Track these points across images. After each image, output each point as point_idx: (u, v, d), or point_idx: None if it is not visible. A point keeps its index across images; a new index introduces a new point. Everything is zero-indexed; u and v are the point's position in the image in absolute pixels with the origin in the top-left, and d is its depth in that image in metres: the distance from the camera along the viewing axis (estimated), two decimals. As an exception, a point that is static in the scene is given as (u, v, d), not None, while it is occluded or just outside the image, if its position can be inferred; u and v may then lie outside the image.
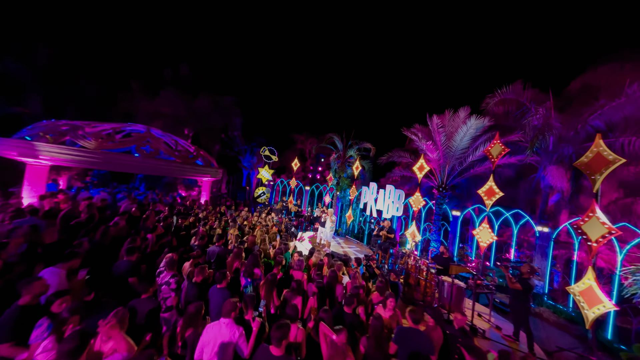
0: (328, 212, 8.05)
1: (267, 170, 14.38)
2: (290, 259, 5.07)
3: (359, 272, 4.26)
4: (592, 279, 4.31)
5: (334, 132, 13.27)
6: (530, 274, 3.82)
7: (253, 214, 9.94)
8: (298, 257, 4.80)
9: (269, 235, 6.35)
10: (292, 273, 4.30)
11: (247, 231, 6.46)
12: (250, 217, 8.81)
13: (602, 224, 4.34)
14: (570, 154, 7.18)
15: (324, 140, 34.50)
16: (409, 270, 5.54)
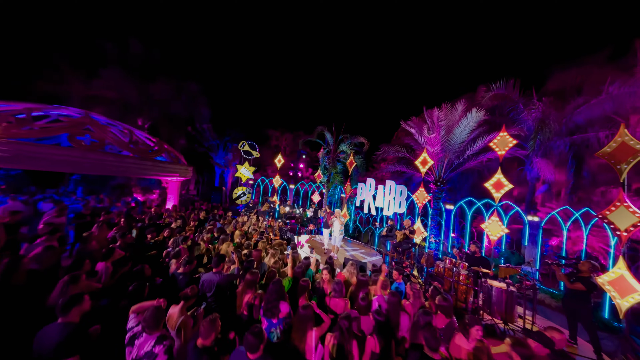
0: (335, 213, 7.03)
1: (248, 167, 12.57)
2: (312, 279, 3.93)
3: (418, 288, 3.38)
4: (623, 268, 4.29)
5: (315, 126, 12.28)
6: (591, 272, 3.52)
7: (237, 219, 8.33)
8: (329, 275, 3.70)
9: (274, 248, 5.05)
10: (329, 302, 3.19)
11: (244, 243, 5.04)
12: (239, 222, 7.26)
13: (632, 213, 4.35)
14: (558, 147, 7.57)
15: (300, 136, 32.91)
16: (442, 274, 4.94)
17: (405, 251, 6.16)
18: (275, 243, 5.18)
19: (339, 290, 3.20)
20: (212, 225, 6.05)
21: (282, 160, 13.63)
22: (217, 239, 5.25)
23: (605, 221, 4.65)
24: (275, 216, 10.86)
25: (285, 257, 4.56)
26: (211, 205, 9.73)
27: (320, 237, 10.03)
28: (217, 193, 14.01)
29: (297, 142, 30.90)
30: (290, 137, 29.86)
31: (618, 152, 4.59)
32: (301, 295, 3.35)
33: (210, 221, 6.61)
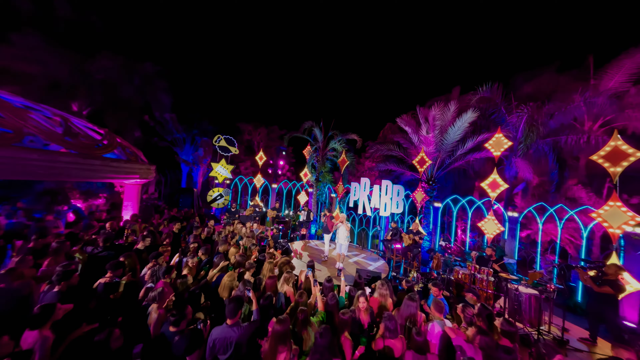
0: (340, 217, 6.35)
1: (225, 165, 10.96)
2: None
3: (472, 311, 2.94)
4: (616, 262, 4.69)
5: (293, 120, 11.33)
6: (617, 275, 3.61)
7: (225, 229, 7.03)
8: (366, 303, 3.04)
9: (284, 268, 4.16)
10: (385, 346, 2.53)
11: (246, 265, 4.01)
12: (228, 233, 6.06)
13: (624, 213, 4.75)
14: (537, 148, 8.21)
15: (275, 131, 31.07)
16: (461, 280, 4.74)
17: (415, 256, 5.87)
18: (280, 261, 4.27)
19: (393, 329, 2.54)
20: (195, 242, 4.78)
21: (264, 158, 12.34)
22: (207, 263, 4.09)
23: (599, 220, 5.03)
24: (260, 221, 9.69)
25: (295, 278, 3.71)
26: (186, 213, 8.07)
27: (315, 242, 9.30)
28: (187, 196, 11.97)
29: (272, 138, 29.23)
30: (265, 131, 27.98)
31: (611, 156, 4.95)
32: (342, 333, 2.62)
33: (191, 235, 5.27)
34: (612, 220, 4.80)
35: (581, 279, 3.89)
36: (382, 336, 2.60)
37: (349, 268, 6.36)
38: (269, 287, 3.38)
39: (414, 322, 2.99)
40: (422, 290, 4.39)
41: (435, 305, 2.99)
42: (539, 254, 8.09)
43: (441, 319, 2.92)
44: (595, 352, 3.67)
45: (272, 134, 28.86)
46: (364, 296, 3.12)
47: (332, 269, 6.17)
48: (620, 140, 4.83)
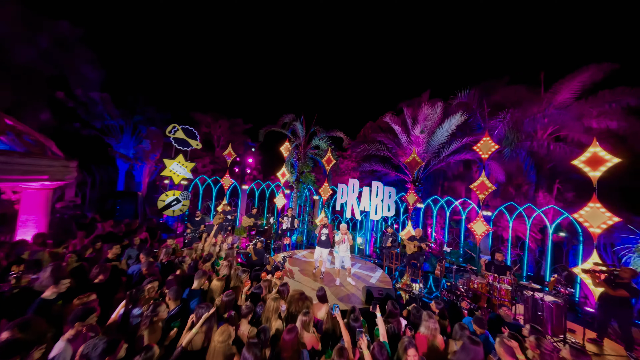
0: (341, 229, 5.47)
1: (183, 162, 8.86)
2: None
3: (552, 346, 2.48)
4: (596, 259, 5.16)
5: (258, 113, 10.16)
6: (633, 277, 3.77)
7: (189, 249, 5.39)
8: (417, 355, 2.30)
9: (298, 307, 3.11)
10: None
11: (241, 308, 2.81)
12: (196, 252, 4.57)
13: (602, 213, 5.25)
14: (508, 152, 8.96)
15: (238, 125, 28.50)
16: (478, 291, 4.48)
17: (422, 265, 5.49)
18: (291, 297, 3.21)
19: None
20: (152, 276, 3.23)
21: (233, 154, 10.57)
22: (179, 315, 2.71)
23: (580, 220, 5.49)
24: (233, 230, 8.09)
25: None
26: (128, 226, 5.98)
27: (302, 253, 8.23)
28: (127, 202, 9.29)
29: (235, 132, 26.53)
30: (226, 124, 25.26)
31: (591, 161, 5.43)
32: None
33: (142, 264, 3.63)
34: (592, 220, 5.28)
35: (593, 283, 4.00)
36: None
37: (347, 283, 5.58)
38: (287, 347, 2.29)
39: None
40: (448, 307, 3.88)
41: (504, 347, 2.40)
42: (509, 250, 8.88)
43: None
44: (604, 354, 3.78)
45: (235, 128, 26.17)
46: (414, 347, 2.33)
47: (332, 288, 5.29)
48: (598, 147, 5.35)
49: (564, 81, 9.11)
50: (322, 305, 3.32)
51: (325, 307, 3.29)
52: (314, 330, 2.73)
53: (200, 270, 3.33)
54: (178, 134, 8.95)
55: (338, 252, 5.43)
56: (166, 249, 4.39)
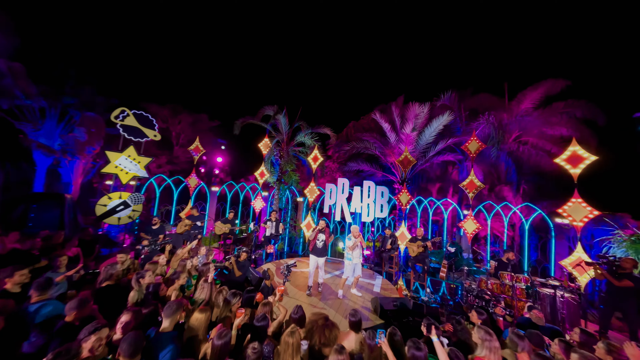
0: (353, 232, 4.77)
1: (135, 156, 7.13)
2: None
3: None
4: (581, 252, 5.51)
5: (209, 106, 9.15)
6: (634, 267, 3.90)
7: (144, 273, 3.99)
8: None
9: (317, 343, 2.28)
10: None
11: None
12: (148, 271, 3.33)
13: (584, 208, 5.66)
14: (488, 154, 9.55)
15: (202, 121, 26.19)
16: (494, 292, 4.25)
17: (428, 267, 5.13)
18: (316, 323, 2.37)
19: None
20: (90, 322, 2.02)
21: (201, 149, 9.07)
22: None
23: (564, 215, 5.87)
24: (202, 239, 6.66)
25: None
26: (47, 240, 4.24)
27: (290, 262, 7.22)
28: (48, 207, 6.97)
29: (199, 129, 24.03)
30: (188, 119, 22.77)
31: (571, 159, 5.88)
32: None
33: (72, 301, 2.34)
34: (575, 214, 5.66)
35: (596, 275, 4.08)
36: None
37: (352, 295, 4.88)
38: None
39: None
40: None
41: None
42: (488, 245, 9.37)
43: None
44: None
45: (199, 124, 23.70)
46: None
47: (332, 301, 4.52)
48: (578, 146, 5.83)
49: (525, 92, 10.22)
50: (350, 334, 2.54)
51: (354, 336, 2.52)
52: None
53: (172, 302, 2.22)
54: (128, 121, 7.18)
55: (351, 259, 4.69)
56: (110, 267, 3.06)
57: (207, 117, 24.71)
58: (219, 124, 25.13)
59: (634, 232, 5.11)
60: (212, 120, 24.95)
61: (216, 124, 25.22)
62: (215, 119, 24.62)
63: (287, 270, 3.74)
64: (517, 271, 4.43)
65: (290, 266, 3.77)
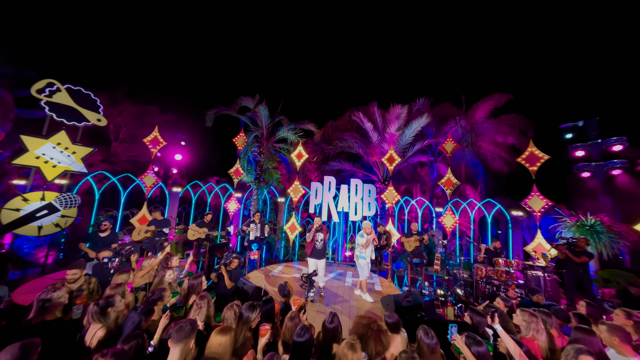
0: (365, 228, 4.48)
1: (68, 145, 5.53)
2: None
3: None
4: (540, 238, 6.47)
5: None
6: (587, 245, 4.64)
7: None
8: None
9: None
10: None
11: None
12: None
13: (541, 200, 6.68)
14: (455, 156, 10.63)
15: (150, 113, 23.29)
16: (496, 280, 4.55)
17: (426, 260, 5.26)
18: (370, 328, 2.02)
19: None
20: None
21: (161, 141, 7.67)
22: None
23: (526, 206, 6.84)
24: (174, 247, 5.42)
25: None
26: None
27: (276, 269, 6.49)
28: None
29: (146, 123, 21.03)
30: (132, 111, 19.78)
31: (529, 158, 6.93)
32: None
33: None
34: (534, 205, 6.68)
35: (559, 254, 4.76)
36: None
37: (358, 297, 4.60)
38: None
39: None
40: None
41: (618, 334, 2.15)
42: (457, 239, 10.37)
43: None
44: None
45: (147, 118, 20.59)
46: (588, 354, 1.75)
47: (338, 305, 4.15)
48: (534, 147, 6.92)
49: (478, 104, 11.87)
50: (395, 337, 2.25)
51: (399, 338, 2.24)
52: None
53: (182, 322, 1.56)
54: (59, 97, 5.52)
55: (365, 257, 4.38)
56: (49, 292, 2.09)
57: (159, 109, 21.66)
58: (173, 117, 22.22)
59: (579, 218, 6.28)
60: (165, 114, 21.94)
61: (169, 117, 22.26)
62: (170, 112, 21.72)
63: (309, 281, 3.17)
64: (498, 256, 4.93)
65: (312, 275, 3.22)
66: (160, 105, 21.10)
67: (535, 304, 3.49)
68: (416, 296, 4.04)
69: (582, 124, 9.96)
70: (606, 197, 9.17)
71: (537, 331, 2.24)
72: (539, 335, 2.23)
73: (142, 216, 6.91)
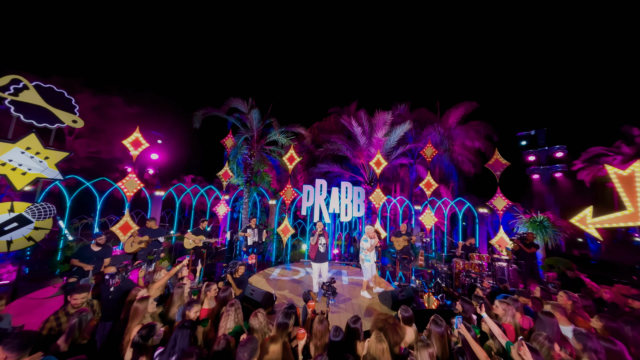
0: (368, 232, 4.93)
1: (40, 149, 5.05)
2: None
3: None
4: (502, 233, 7.66)
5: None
6: (534, 238, 5.73)
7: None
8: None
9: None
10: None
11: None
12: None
13: (503, 199, 7.87)
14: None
15: (114, 105, 21.78)
16: (472, 272, 5.40)
17: (413, 258, 5.97)
18: (387, 322, 2.47)
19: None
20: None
21: (143, 144, 7.27)
22: None
23: (491, 206, 8.00)
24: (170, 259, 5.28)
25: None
26: None
27: (274, 271, 6.69)
28: None
29: (110, 117, 19.44)
30: (92, 102, 18.23)
31: (494, 165, 8.08)
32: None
33: None
34: (498, 205, 7.86)
35: (514, 247, 5.82)
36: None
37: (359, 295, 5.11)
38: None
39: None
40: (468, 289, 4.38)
41: (559, 310, 2.92)
42: (433, 233, 11.55)
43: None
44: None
45: (109, 111, 18.92)
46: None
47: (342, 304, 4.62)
48: (498, 154, 8.07)
49: (451, 110, 13.14)
50: (408, 328, 2.76)
51: (412, 329, 2.75)
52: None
53: (244, 341, 1.81)
54: (26, 96, 4.97)
55: (370, 260, 4.84)
56: (83, 318, 2.15)
57: (122, 100, 19.80)
58: (139, 110, 20.41)
59: (531, 215, 7.58)
60: (129, 106, 20.06)
61: (135, 110, 20.40)
62: (135, 105, 19.88)
63: (330, 289, 3.48)
64: (472, 251, 5.87)
65: (332, 283, 3.54)
66: (124, 96, 19.28)
67: (504, 291, 4.32)
68: (409, 290, 4.67)
69: (534, 133, 11.72)
70: (550, 195, 11.05)
71: (512, 316, 2.92)
72: (513, 319, 2.91)
73: (124, 223, 6.55)
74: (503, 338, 2.49)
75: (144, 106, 19.23)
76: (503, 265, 5.49)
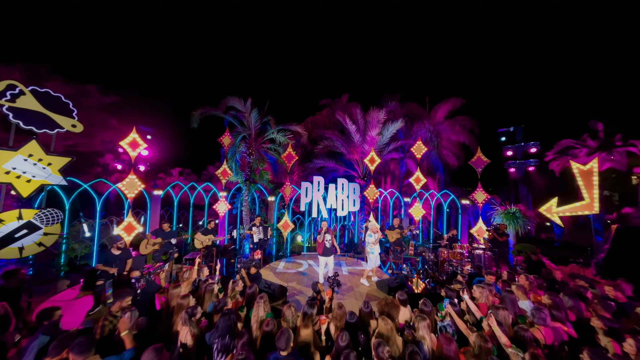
0: (372, 228, 5.60)
1: (42, 155, 5.11)
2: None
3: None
4: (480, 223, 8.72)
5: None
6: (505, 228, 6.72)
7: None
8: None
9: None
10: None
11: None
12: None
13: (483, 193, 8.87)
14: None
15: (91, 97, 21.17)
16: (455, 260, 6.30)
17: (405, 249, 6.80)
18: (396, 308, 3.17)
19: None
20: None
21: (141, 144, 7.34)
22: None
23: (472, 198, 8.99)
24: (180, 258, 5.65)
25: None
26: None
27: (279, 265, 7.27)
28: None
29: (87, 107, 18.56)
30: (64, 91, 16.92)
31: (477, 162, 8.98)
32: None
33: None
34: (478, 198, 8.86)
35: (488, 236, 6.82)
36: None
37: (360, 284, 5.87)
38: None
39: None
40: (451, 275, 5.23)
41: (521, 289, 3.79)
42: (420, 223, 12.63)
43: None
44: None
45: (84, 100, 17.98)
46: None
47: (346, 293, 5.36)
48: (480, 153, 8.95)
49: (439, 105, 13.89)
50: (402, 308, 3.47)
51: (405, 309, 3.47)
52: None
53: (281, 331, 2.38)
54: (23, 102, 4.93)
55: (374, 252, 5.54)
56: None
57: (97, 88, 18.72)
58: (116, 100, 19.36)
59: (506, 208, 8.66)
60: (105, 95, 18.99)
61: (112, 99, 19.33)
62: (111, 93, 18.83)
63: (335, 282, 4.16)
64: (455, 242, 6.83)
65: (336, 276, 4.22)
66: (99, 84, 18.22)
67: (480, 275, 5.22)
68: (402, 277, 5.47)
69: (513, 129, 12.84)
70: (523, 187, 12.39)
71: (486, 297, 3.73)
72: (487, 300, 3.72)
73: (127, 224, 6.75)
74: (478, 313, 3.28)
75: (121, 95, 18.26)
76: (480, 253, 6.47)
